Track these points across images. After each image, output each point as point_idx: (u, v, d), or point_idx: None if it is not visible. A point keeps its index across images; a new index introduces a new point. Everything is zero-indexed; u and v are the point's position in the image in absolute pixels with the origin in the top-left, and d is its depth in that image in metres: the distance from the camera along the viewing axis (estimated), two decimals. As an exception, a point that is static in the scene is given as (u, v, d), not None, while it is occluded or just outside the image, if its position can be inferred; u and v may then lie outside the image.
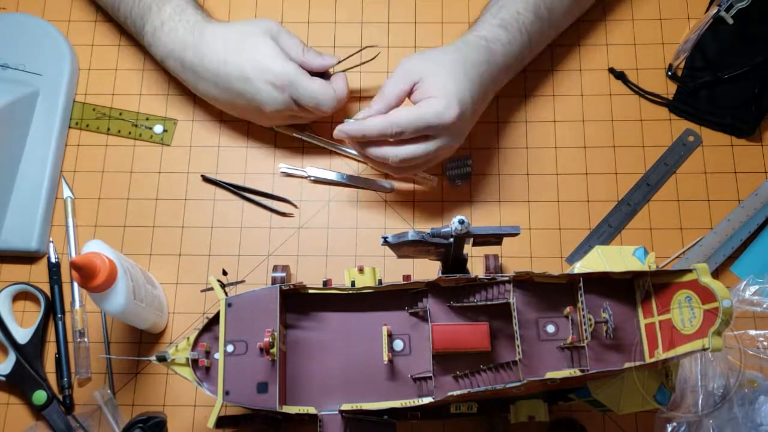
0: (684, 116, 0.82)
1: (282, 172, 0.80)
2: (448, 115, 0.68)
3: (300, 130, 0.82)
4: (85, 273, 0.61)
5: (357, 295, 0.64)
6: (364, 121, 0.70)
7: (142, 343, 0.76)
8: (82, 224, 0.80)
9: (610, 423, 0.73)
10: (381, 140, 0.70)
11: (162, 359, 0.60)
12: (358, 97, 0.84)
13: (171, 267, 0.78)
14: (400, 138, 0.69)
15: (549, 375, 0.58)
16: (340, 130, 0.71)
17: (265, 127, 0.82)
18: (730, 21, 0.79)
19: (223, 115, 0.83)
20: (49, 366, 0.76)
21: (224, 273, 0.66)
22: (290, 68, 0.72)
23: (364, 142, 0.71)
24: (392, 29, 0.86)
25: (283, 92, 0.73)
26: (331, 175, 0.80)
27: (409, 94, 0.71)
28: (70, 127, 0.84)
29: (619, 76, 0.83)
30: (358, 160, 0.81)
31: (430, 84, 0.69)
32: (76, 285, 0.77)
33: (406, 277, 0.64)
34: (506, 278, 0.61)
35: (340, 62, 0.76)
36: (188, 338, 0.61)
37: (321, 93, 0.73)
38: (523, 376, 0.58)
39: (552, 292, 0.62)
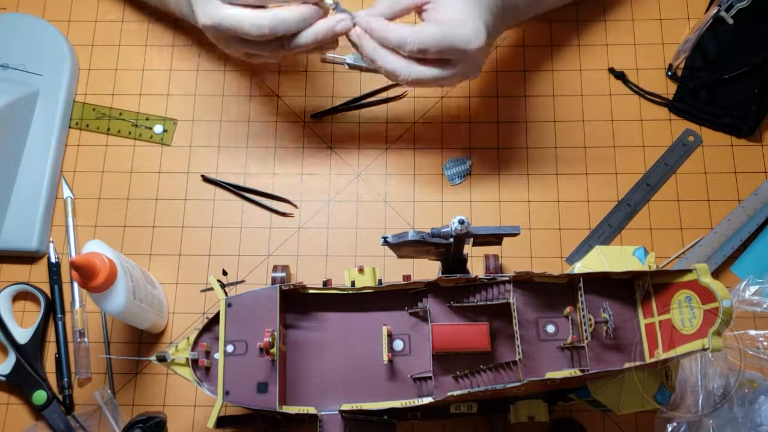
0: (684, 116, 0.82)
1: (323, 60, 0.73)
2: (476, 42, 0.63)
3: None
4: (85, 273, 0.61)
5: (357, 295, 0.64)
6: (388, 25, 0.64)
7: (142, 343, 0.76)
8: (82, 224, 0.80)
9: (610, 423, 0.73)
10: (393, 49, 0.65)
11: (162, 359, 0.60)
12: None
13: (171, 267, 0.78)
14: (419, 56, 0.64)
15: (549, 375, 0.58)
16: (363, 20, 0.65)
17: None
18: (730, 21, 0.79)
19: (223, 115, 0.83)
20: (49, 366, 0.76)
21: (224, 273, 0.66)
22: None
23: (380, 44, 0.66)
24: (392, 29, 0.86)
25: None
26: (363, 64, 0.72)
27: (419, 6, 0.66)
28: (70, 127, 0.84)
29: (619, 76, 0.83)
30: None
31: (451, 4, 0.64)
32: (76, 285, 0.77)
33: (406, 277, 0.64)
34: (506, 278, 0.61)
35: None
36: (188, 338, 0.61)
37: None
38: (523, 376, 0.58)
39: (552, 292, 0.62)
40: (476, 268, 0.76)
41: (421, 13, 0.67)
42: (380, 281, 0.64)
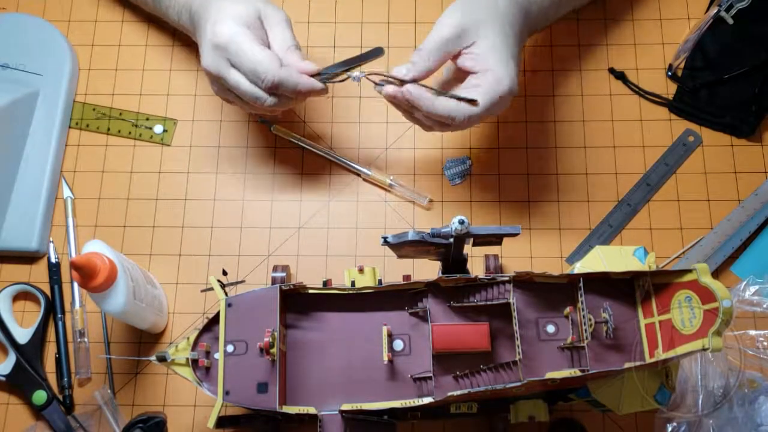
0: (684, 116, 0.82)
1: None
2: (511, 92, 0.66)
3: (299, 134, 0.82)
4: (85, 273, 0.61)
5: (357, 295, 0.64)
6: (436, 101, 0.65)
7: (142, 343, 0.76)
8: (82, 224, 0.80)
9: (610, 423, 0.73)
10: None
11: (162, 359, 0.60)
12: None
13: (171, 267, 0.78)
14: (468, 124, 0.66)
15: (549, 375, 0.58)
16: (412, 94, 0.65)
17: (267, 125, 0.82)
18: (730, 21, 0.79)
19: (223, 115, 0.83)
20: (49, 366, 0.76)
21: (224, 273, 0.66)
22: (237, 30, 0.66)
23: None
24: (392, 29, 0.86)
25: (217, 53, 0.67)
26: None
27: (456, 55, 0.67)
28: (70, 127, 0.84)
29: (619, 76, 0.83)
30: (354, 172, 0.81)
31: (485, 53, 0.65)
32: (76, 285, 0.77)
33: (406, 277, 0.64)
34: (506, 278, 0.61)
35: (326, 75, 0.69)
36: (188, 338, 0.61)
37: (265, 62, 0.65)
38: (523, 376, 0.58)
39: (552, 292, 0.62)
40: (476, 268, 0.76)
41: (457, 59, 0.67)
42: (380, 281, 0.64)
